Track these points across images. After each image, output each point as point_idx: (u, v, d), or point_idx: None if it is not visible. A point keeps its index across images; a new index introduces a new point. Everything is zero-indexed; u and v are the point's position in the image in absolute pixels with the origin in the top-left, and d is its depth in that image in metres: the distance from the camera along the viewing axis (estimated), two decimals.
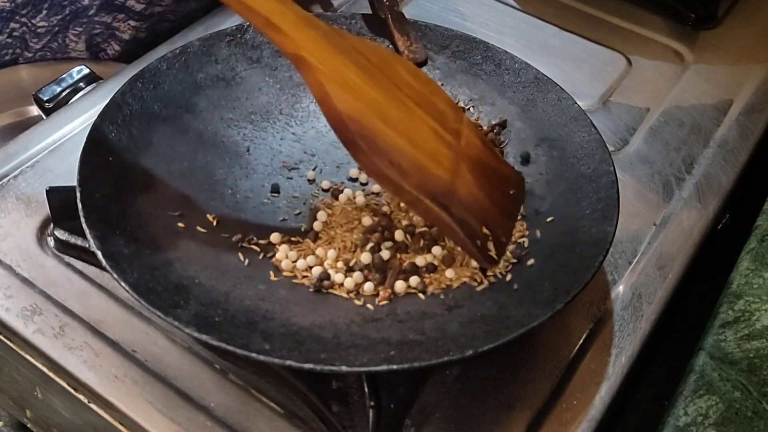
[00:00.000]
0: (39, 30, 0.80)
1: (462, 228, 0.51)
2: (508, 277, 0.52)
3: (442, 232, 0.53)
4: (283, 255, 0.53)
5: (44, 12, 0.79)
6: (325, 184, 0.59)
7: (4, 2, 0.77)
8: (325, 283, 0.51)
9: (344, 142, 0.50)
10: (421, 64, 0.66)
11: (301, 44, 0.48)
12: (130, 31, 0.84)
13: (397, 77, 0.53)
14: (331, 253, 0.53)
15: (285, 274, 0.53)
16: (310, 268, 0.53)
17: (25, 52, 0.81)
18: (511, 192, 0.56)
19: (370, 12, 0.70)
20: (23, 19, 0.79)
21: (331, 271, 0.52)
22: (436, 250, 0.54)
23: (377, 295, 0.51)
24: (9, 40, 0.79)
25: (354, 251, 0.53)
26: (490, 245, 0.52)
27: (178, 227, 0.53)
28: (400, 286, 0.52)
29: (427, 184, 0.50)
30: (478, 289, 0.52)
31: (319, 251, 0.53)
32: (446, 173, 0.51)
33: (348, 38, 0.53)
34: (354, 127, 0.48)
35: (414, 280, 0.52)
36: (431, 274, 0.53)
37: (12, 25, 0.79)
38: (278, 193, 0.58)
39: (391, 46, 0.67)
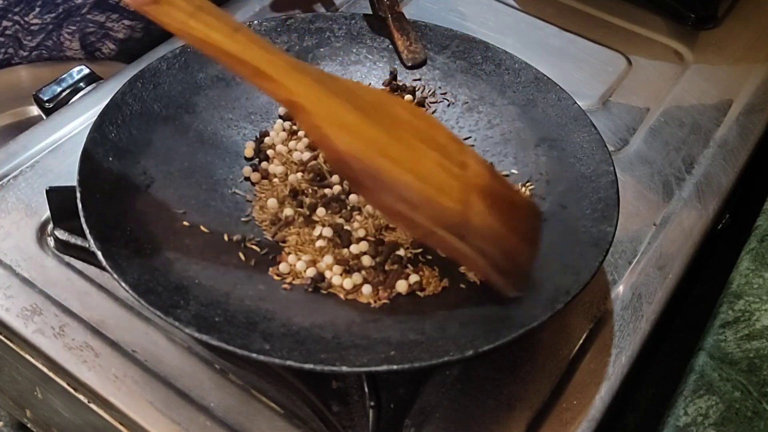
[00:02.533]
0: (32, 28, 0.80)
1: (482, 256, 0.49)
2: None
3: (462, 263, 0.52)
4: (284, 256, 0.53)
5: (37, 9, 0.79)
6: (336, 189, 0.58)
7: None
8: (322, 284, 0.51)
9: (350, 182, 0.49)
10: (421, 64, 0.66)
11: (293, 90, 0.48)
12: (124, 30, 0.84)
13: (395, 115, 0.51)
14: (328, 257, 0.53)
15: (284, 274, 0.53)
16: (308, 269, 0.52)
17: (20, 50, 0.81)
18: (527, 219, 0.54)
19: (370, 12, 0.70)
20: (16, 17, 0.79)
21: (328, 273, 0.52)
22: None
23: (377, 294, 0.51)
24: (2, 39, 0.79)
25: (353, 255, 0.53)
26: (512, 273, 0.51)
27: (178, 227, 0.53)
28: (401, 285, 0.52)
29: (439, 216, 0.49)
30: (478, 287, 0.52)
31: (317, 254, 0.53)
32: (457, 204, 0.49)
33: (341, 81, 0.52)
34: (357, 166, 0.48)
35: (414, 279, 0.52)
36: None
37: (5, 23, 0.79)
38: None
39: (391, 45, 0.67)
